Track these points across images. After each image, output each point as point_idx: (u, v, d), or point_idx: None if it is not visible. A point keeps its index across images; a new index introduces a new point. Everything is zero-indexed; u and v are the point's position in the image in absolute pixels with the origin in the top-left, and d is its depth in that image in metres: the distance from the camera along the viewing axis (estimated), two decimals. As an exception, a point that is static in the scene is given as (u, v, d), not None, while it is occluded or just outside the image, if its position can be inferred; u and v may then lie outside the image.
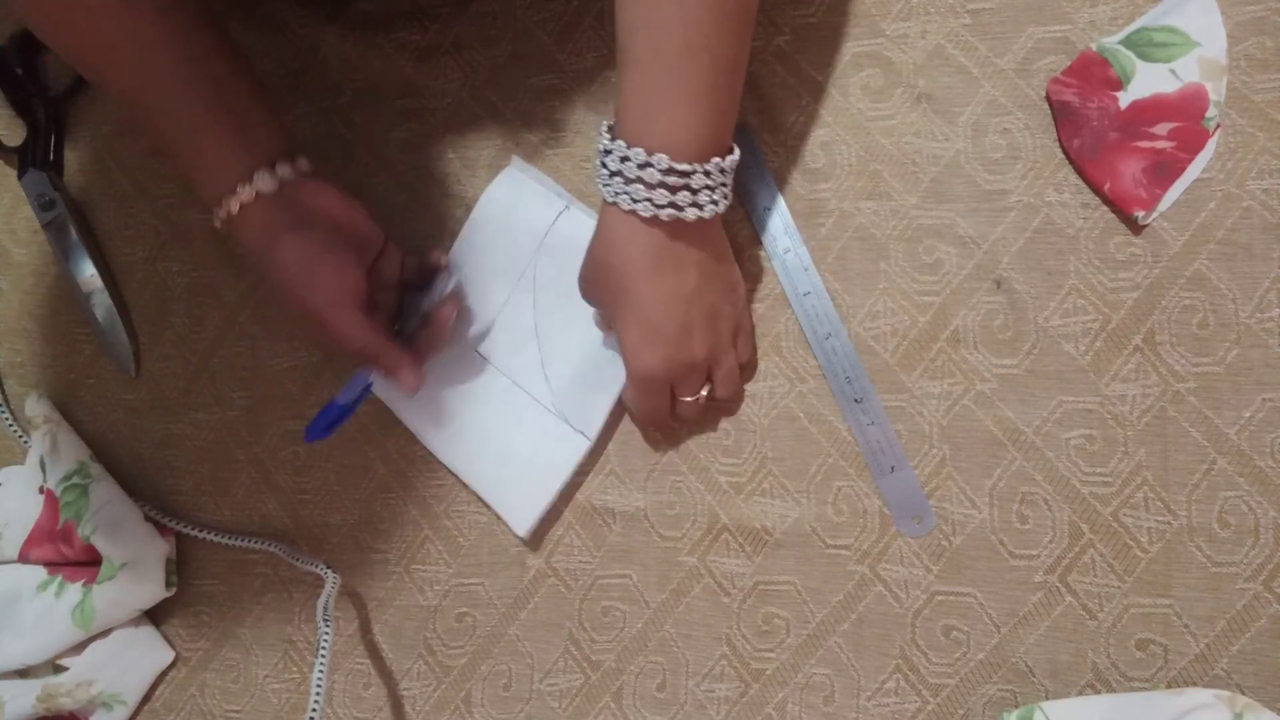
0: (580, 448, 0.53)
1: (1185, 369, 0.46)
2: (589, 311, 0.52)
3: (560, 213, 0.54)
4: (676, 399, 0.49)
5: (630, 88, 0.42)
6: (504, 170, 0.56)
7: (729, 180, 0.45)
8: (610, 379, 0.52)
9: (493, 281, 0.55)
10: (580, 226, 0.53)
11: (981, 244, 0.49)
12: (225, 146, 0.49)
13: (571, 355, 0.53)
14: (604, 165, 0.44)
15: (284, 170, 0.49)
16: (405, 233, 0.57)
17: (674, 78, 0.41)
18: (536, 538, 0.54)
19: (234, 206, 0.48)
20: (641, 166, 0.42)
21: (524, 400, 0.54)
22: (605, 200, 0.44)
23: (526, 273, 0.55)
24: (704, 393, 0.49)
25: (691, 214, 0.43)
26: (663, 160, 0.42)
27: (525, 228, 0.55)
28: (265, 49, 0.61)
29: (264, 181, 0.48)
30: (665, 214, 0.43)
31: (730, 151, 0.45)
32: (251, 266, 0.60)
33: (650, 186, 0.42)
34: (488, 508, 0.54)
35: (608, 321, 0.50)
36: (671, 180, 0.42)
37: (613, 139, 0.43)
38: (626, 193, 0.43)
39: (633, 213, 0.43)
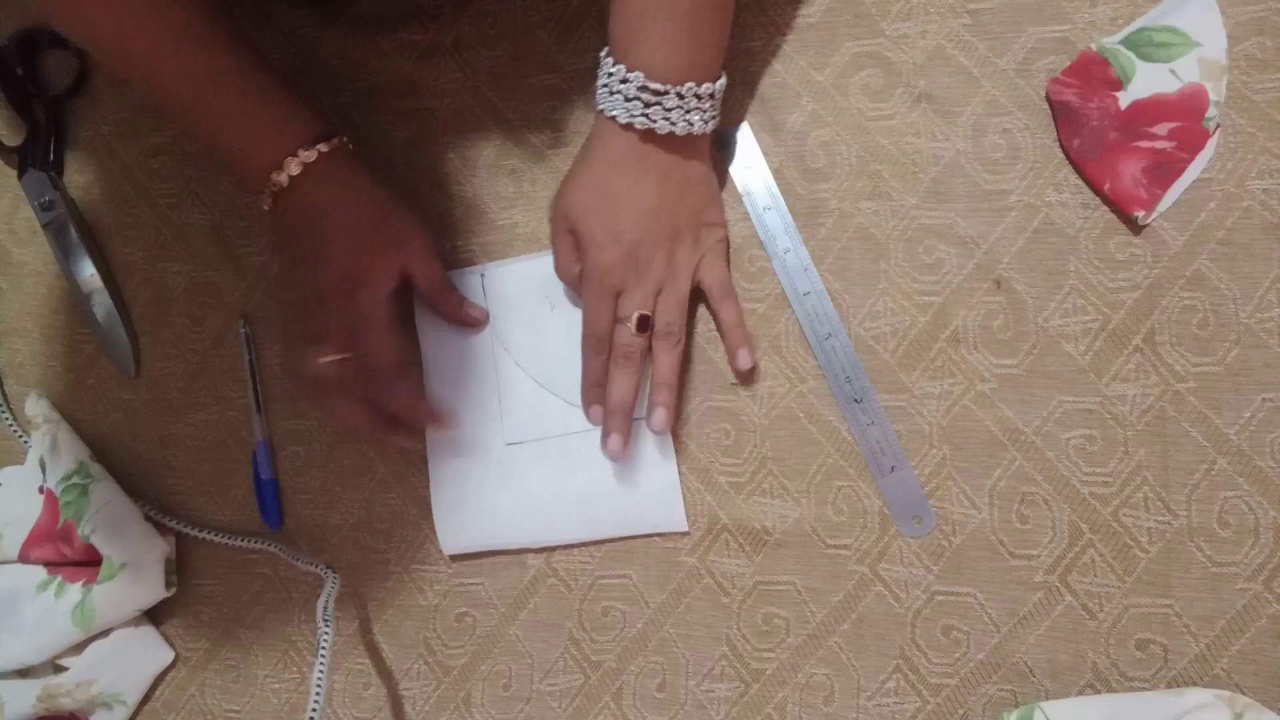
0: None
1: (1185, 369, 0.46)
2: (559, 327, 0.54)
3: (482, 275, 0.56)
4: (617, 322, 0.49)
5: (617, 8, 0.47)
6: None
7: (708, 105, 0.47)
8: None
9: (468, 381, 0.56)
10: (505, 270, 0.55)
11: (981, 244, 0.49)
12: (274, 120, 0.50)
13: (575, 371, 0.53)
14: (598, 76, 0.48)
15: (334, 142, 0.51)
16: (405, 233, 0.57)
17: (654, 5, 0.45)
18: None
19: (292, 170, 0.50)
20: (621, 81, 0.46)
21: (592, 436, 0.53)
22: (596, 108, 0.48)
23: (487, 345, 0.55)
24: (636, 316, 0.49)
25: (662, 126, 0.46)
26: (639, 77, 0.46)
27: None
28: (265, 49, 0.61)
29: (319, 150, 0.50)
30: (638, 122, 0.46)
31: (715, 79, 0.47)
32: (252, 266, 0.60)
33: (628, 99, 0.46)
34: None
35: (572, 233, 0.50)
36: (645, 96, 0.46)
37: (605, 54, 0.47)
38: (609, 101, 0.47)
39: (612, 118, 0.47)
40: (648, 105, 0.46)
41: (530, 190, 0.56)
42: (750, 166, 0.52)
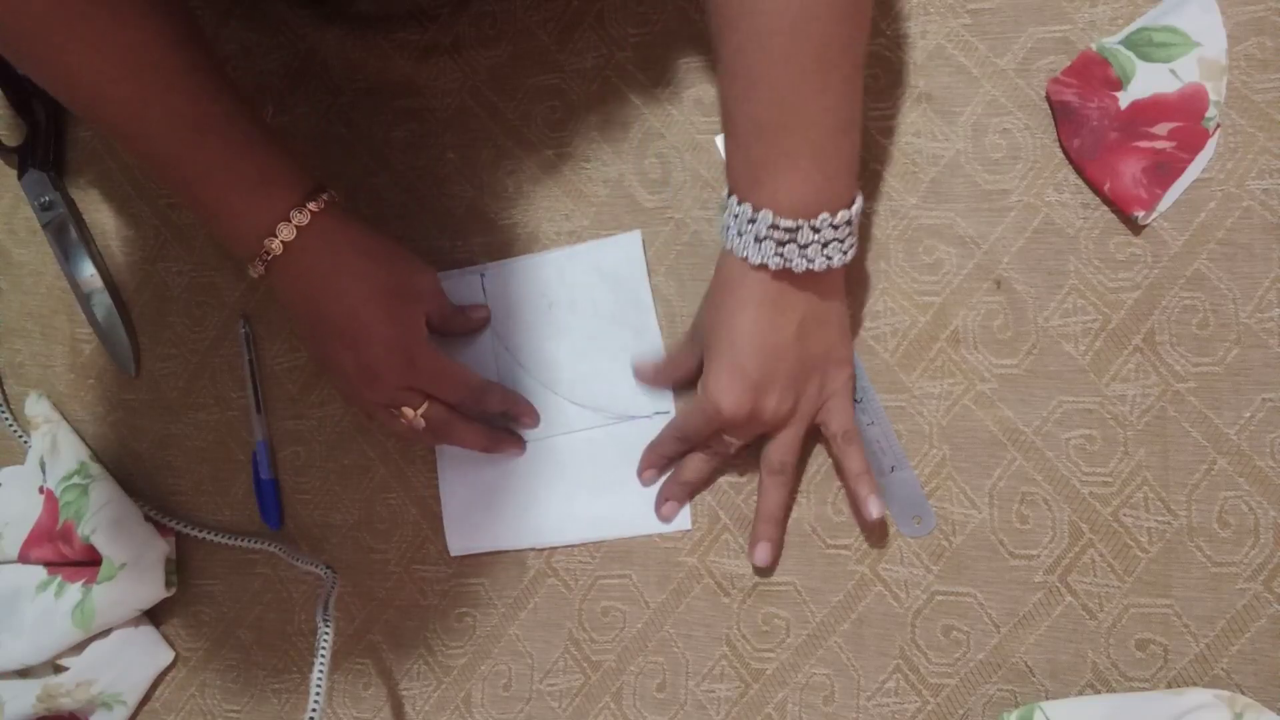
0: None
1: (1185, 369, 0.46)
2: (569, 331, 0.54)
3: (482, 275, 0.56)
4: (715, 441, 0.49)
5: (733, 148, 0.44)
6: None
7: (845, 234, 0.44)
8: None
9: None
10: (505, 270, 0.55)
11: (981, 244, 0.49)
12: (262, 175, 0.47)
13: (593, 371, 0.53)
14: (723, 214, 0.45)
15: (322, 203, 0.48)
16: (405, 232, 0.57)
17: (770, 148, 0.42)
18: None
19: (286, 235, 0.46)
20: (750, 221, 0.43)
21: (594, 436, 0.53)
22: (723, 245, 0.45)
23: (489, 346, 0.55)
24: (738, 445, 0.49)
25: (800, 264, 0.43)
26: (768, 216, 0.42)
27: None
28: (265, 49, 0.61)
29: (310, 210, 0.47)
30: (772, 263, 0.43)
31: (849, 205, 0.44)
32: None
33: (759, 239, 0.43)
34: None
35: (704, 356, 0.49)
36: (777, 235, 0.43)
37: (729, 193, 0.45)
38: (739, 241, 0.44)
39: (744, 258, 0.44)
40: (781, 244, 0.43)
41: (530, 190, 0.56)
42: (750, 166, 0.52)
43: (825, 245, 0.43)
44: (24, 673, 0.58)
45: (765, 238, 0.43)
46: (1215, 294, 0.46)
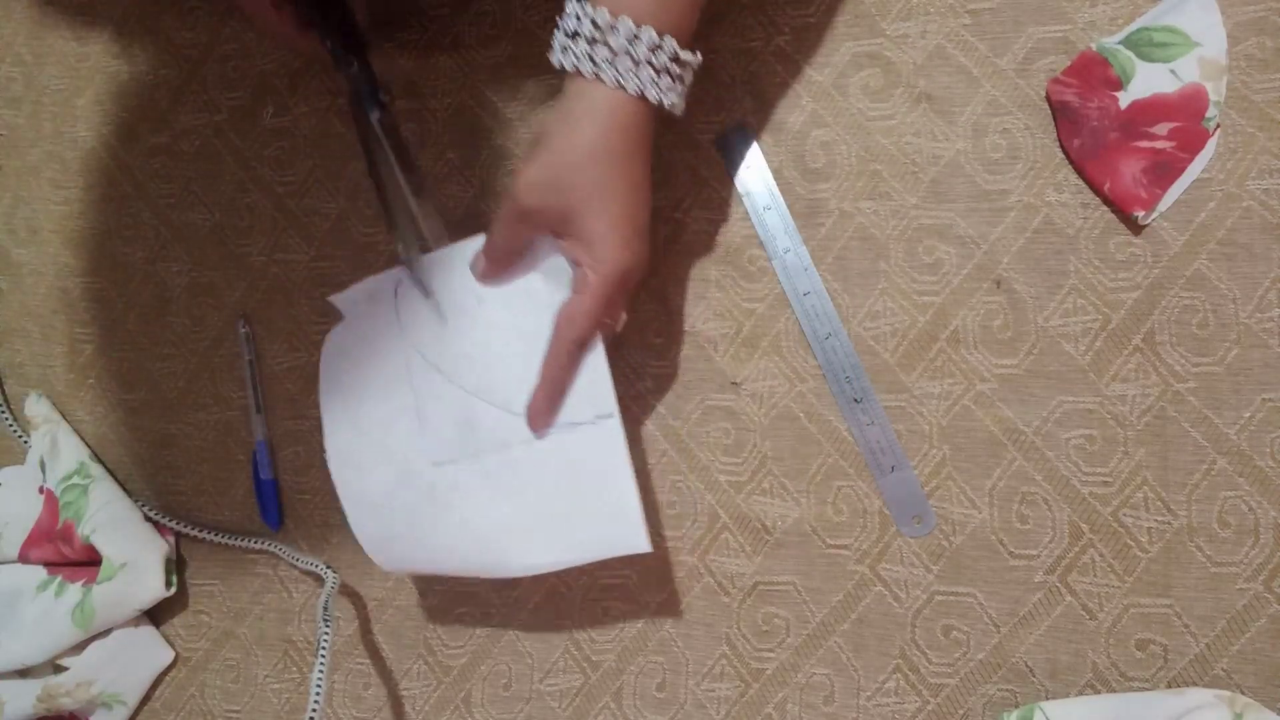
0: (613, 429, 0.45)
1: (1185, 369, 0.46)
2: (482, 339, 0.48)
3: (398, 283, 0.50)
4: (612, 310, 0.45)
5: None
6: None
7: (663, 64, 0.41)
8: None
9: (378, 390, 0.50)
10: (423, 265, 0.49)
11: (981, 244, 0.49)
12: None
13: (529, 373, 0.46)
14: (562, 28, 0.41)
15: None
16: (405, 233, 0.57)
17: None
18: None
19: None
20: (652, 48, 0.40)
21: (532, 450, 0.46)
22: (567, 68, 0.41)
23: (395, 351, 0.49)
24: (625, 318, 0.46)
25: (609, 75, 0.40)
26: (671, 45, 0.40)
27: (378, 318, 0.50)
28: (265, 49, 0.61)
29: None
30: (668, 100, 0.41)
31: (684, 45, 0.41)
32: (253, 266, 0.60)
33: (569, 34, 0.40)
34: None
35: (558, 225, 0.44)
36: (674, 69, 0.40)
37: (608, 14, 0.40)
38: (625, 69, 0.40)
39: (558, 66, 0.41)
40: (591, 43, 0.40)
41: (530, 190, 0.56)
42: (750, 166, 0.52)
43: (639, 65, 0.40)
44: (24, 673, 0.58)
45: (575, 34, 0.40)
46: (1215, 294, 0.46)
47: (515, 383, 0.46)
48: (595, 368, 0.45)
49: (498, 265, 0.47)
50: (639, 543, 0.45)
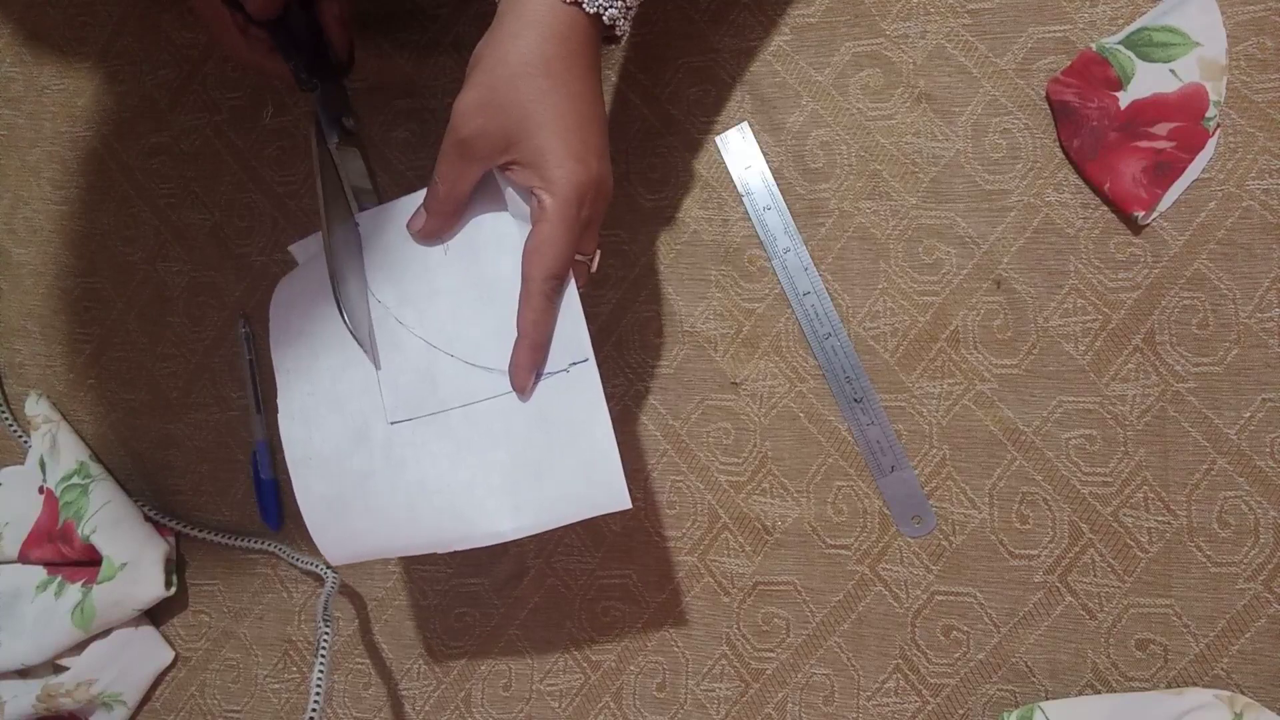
0: (589, 375, 0.41)
1: (1185, 369, 0.46)
2: (448, 289, 0.44)
3: (358, 223, 0.47)
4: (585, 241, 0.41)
5: None
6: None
7: None
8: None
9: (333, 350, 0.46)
10: (383, 215, 0.46)
11: (981, 244, 0.49)
12: None
13: (499, 325, 0.42)
14: None
15: None
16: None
17: None
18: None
19: None
20: None
21: (502, 404, 0.42)
22: None
23: (361, 313, 0.45)
24: (599, 254, 0.43)
25: (623, 26, 0.39)
26: None
27: (314, 289, 0.46)
28: (265, 49, 0.61)
29: None
30: (616, 11, 0.38)
31: None
32: (253, 266, 0.60)
33: None
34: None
35: (503, 152, 0.40)
36: None
37: None
38: None
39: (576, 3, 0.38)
40: None
41: (530, 190, 0.56)
42: (750, 166, 0.52)
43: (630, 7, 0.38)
44: (24, 673, 0.58)
45: None
46: (1215, 294, 0.46)
47: (481, 335, 0.43)
48: (568, 311, 0.41)
49: (442, 216, 0.43)
50: (619, 499, 0.40)
